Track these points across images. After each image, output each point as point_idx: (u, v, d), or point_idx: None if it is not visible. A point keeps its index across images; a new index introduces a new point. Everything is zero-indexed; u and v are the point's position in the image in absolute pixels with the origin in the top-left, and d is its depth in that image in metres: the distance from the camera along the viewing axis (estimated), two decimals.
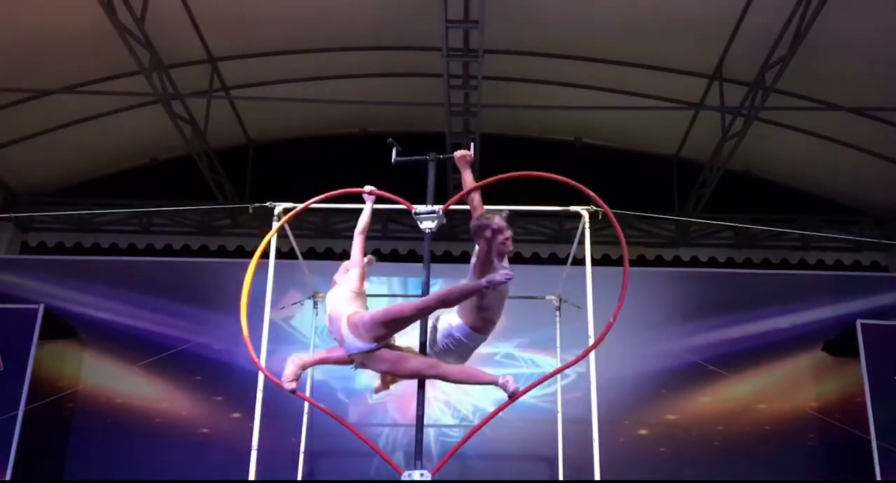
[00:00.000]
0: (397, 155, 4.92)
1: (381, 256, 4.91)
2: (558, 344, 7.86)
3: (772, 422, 9.72)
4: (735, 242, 11.50)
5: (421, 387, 4.40)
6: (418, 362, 4.33)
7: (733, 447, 9.61)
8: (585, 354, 4.78)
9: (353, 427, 4.81)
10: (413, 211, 4.74)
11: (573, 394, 8.12)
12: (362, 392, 9.62)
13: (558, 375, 7.75)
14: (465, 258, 11.22)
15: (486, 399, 9.49)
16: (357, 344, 4.24)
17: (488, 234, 4.26)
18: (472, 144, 4.98)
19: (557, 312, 7.92)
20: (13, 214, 10.43)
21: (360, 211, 4.90)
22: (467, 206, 4.82)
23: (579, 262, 6.30)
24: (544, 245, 11.08)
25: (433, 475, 4.11)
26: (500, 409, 4.39)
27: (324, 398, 9.34)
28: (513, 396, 4.21)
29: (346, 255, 4.78)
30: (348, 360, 4.42)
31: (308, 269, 7.63)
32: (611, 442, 8.29)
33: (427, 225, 4.69)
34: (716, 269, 11.21)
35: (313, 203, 5.09)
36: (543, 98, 10.29)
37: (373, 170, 5.83)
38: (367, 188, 4.89)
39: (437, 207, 4.68)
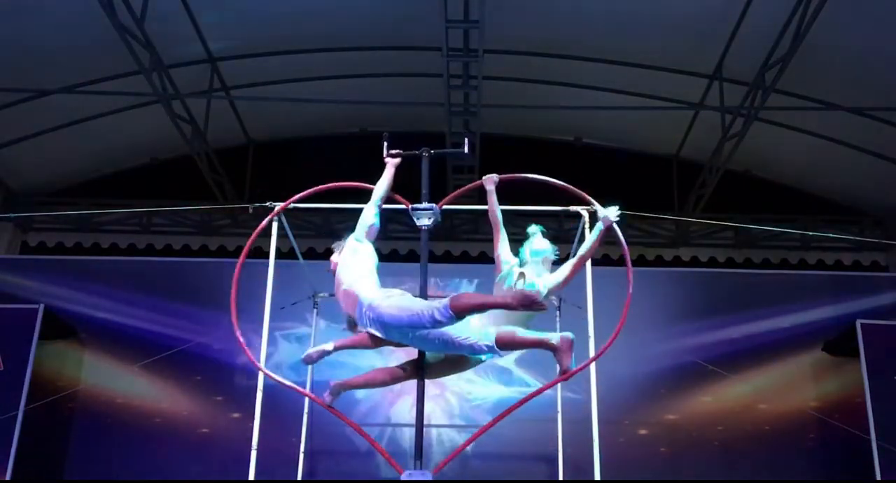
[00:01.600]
0: (389, 149, 4.89)
1: (380, 257, 4.88)
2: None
3: (772, 422, 9.71)
4: (735, 242, 11.50)
5: (421, 385, 4.40)
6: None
7: (733, 447, 9.60)
8: (586, 366, 4.78)
9: (358, 427, 4.81)
10: (409, 207, 4.74)
11: (573, 394, 8.11)
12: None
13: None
14: (465, 258, 11.26)
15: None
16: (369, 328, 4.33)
17: None
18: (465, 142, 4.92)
19: (557, 313, 7.91)
20: (13, 214, 10.43)
21: (359, 211, 4.88)
22: (468, 206, 4.85)
23: None
24: None
25: (434, 475, 4.12)
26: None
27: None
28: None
29: None
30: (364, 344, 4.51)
31: (308, 269, 7.62)
32: (611, 442, 8.28)
33: (423, 222, 4.69)
34: (716, 269, 11.21)
35: (312, 193, 5.06)
36: (543, 98, 10.29)
37: (373, 170, 5.83)
38: (393, 152, 4.82)
39: (432, 204, 4.69)
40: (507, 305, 4.06)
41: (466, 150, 4.87)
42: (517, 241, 5.49)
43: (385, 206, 5.03)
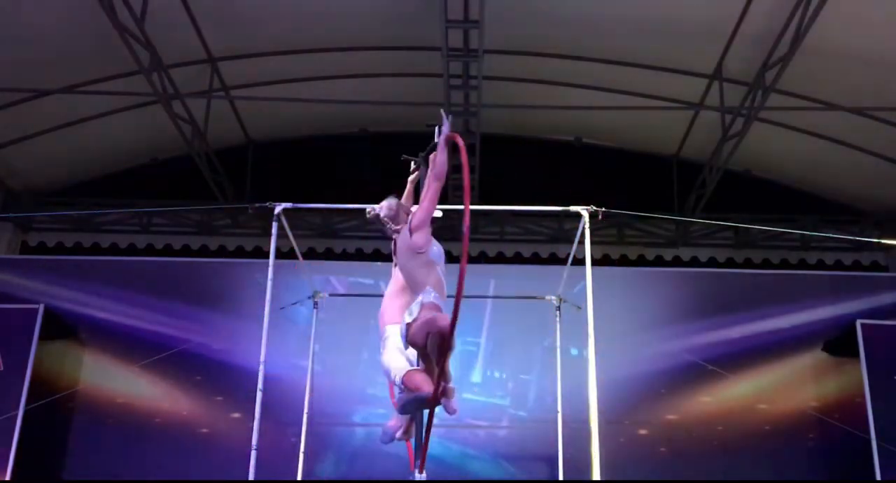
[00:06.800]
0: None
1: (381, 257, 4.90)
2: (558, 344, 7.86)
3: (772, 422, 9.73)
4: (735, 242, 11.50)
5: None
6: None
7: (733, 447, 9.62)
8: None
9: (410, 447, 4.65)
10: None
11: (573, 394, 8.12)
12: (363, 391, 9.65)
13: (559, 376, 7.76)
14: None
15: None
16: None
17: None
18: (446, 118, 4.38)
19: (557, 312, 7.91)
20: (13, 214, 10.43)
21: (359, 211, 4.87)
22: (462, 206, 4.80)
23: (579, 261, 6.31)
24: (544, 245, 11.05)
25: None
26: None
27: (324, 395, 9.37)
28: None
29: (346, 255, 4.77)
30: None
31: (308, 268, 7.63)
32: (611, 442, 8.29)
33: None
34: (716, 269, 11.21)
35: None
36: (543, 98, 10.28)
37: (372, 170, 5.84)
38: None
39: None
40: None
41: (436, 137, 4.47)
42: (517, 241, 5.51)
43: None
